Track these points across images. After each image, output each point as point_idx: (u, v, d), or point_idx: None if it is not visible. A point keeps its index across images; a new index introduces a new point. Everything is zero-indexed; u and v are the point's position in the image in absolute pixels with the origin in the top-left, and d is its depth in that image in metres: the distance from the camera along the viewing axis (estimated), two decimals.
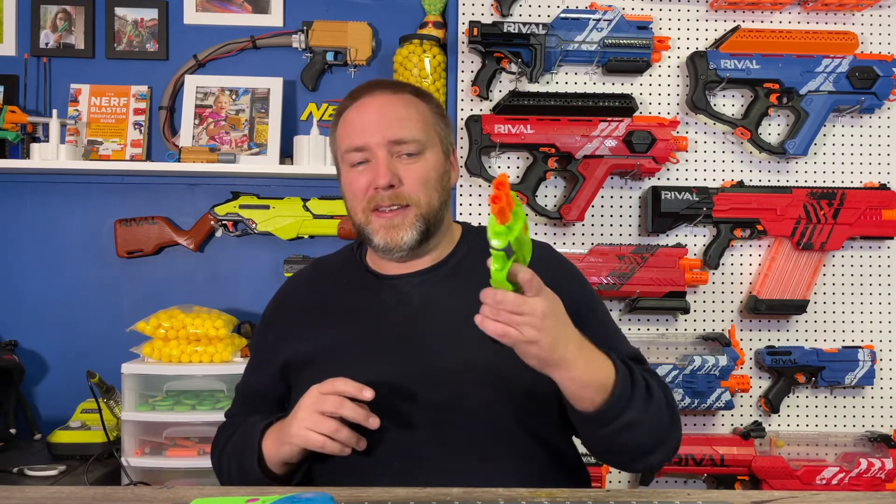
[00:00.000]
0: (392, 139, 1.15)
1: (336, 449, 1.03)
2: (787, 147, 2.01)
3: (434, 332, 1.14)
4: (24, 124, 2.12)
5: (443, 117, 1.24)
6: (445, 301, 1.18)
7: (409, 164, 1.16)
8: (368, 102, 1.19)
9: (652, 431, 1.07)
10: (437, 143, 1.21)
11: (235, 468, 1.16)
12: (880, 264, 2.09)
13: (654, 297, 1.97)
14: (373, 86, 1.22)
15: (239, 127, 2.18)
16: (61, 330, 2.19)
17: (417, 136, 1.17)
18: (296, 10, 2.24)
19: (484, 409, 1.10)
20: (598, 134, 1.97)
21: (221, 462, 1.21)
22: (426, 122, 1.20)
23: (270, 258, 2.22)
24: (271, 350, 1.24)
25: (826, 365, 2.00)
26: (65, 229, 2.21)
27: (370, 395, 1.02)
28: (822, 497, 0.97)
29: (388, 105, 1.18)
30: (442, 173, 1.21)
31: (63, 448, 1.90)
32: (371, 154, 1.16)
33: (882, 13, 2.09)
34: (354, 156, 1.18)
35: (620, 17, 1.99)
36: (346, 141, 1.19)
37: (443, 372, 1.11)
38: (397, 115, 1.17)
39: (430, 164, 1.18)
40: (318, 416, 1.03)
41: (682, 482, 2.05)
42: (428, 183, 1.17)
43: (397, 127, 1.16)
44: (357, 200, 1.18)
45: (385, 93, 1.20)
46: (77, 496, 0.96)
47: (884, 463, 1.97)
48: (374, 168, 1.16)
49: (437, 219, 1.19)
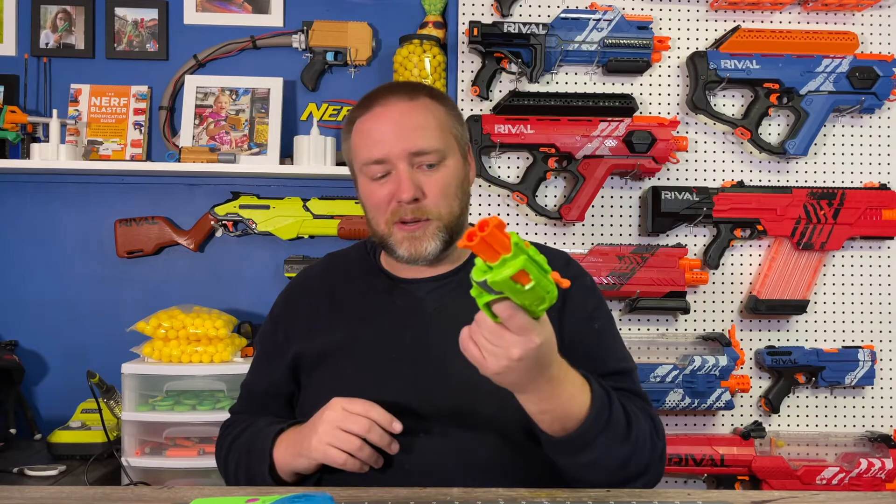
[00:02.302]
0: (412, 150, 1.13)
1: (356, 467, 1.03)
2: (787, 147, 2.01)
3: (447, 340, 1.12)
4: (25, 124, 2.12)
5: (458, 117, 1.22)
6: (460, 309, 1.15)
7: (430, 174, 1.15)
8: (384, 112, 1.16)
9: (623, 468, 1.03)
10: (456, 147, 1.19)
11: (244, 470, 1.15)
12: (880, 264, 2.09)
13: (654, 297, 1.97)
14: (387, 91, 1.19)
15: (239, 127, 2.18)
16: (61, 330, 2.19)
17: (437, 144, 1.15)
18: (296, 10, 2.24)
19: (495, 419, 1.10)
20: (598, 134, 1.97)
21: (228, 461, 1.19)
22: (444, 128, 1.17)
23: (270, 258, 2.22)
24: (281, 346, 1.22)
25: (826, 365, 2.00)
26: (65, 229, 2.21)
27: (399, 428, 1.02)
28: (822, 497, 0.97)
29: (406, 114, 1.15)
30: (462, 179, 1.19)
31: (63, 448, 1.90)
32: (391, 166, 1.14)
33: (882, 13, 2.09)
34: (374, 168, 1.15)
35: (620, 17, 1.99)
36: (364, 153, 1.16)
37: (455, 380, 1.10)
38: (416, 124, 1.14)
39: (450, 172, 1.16)
40: (342, 433, 1.02)
41: (682, 482, 2.05)
42: (449, 193, 1.16)
43: (417, 137, 1.14)
44: (379, 212, 1.16)
45: (401, 99, 1.17)
46: (77, 496, 0.96)
47: (884, 463, 1.97)
48: (395, 181, 1.14)
49: (458, 225, 1.18)
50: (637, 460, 1.05)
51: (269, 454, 1.10)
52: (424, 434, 1.09)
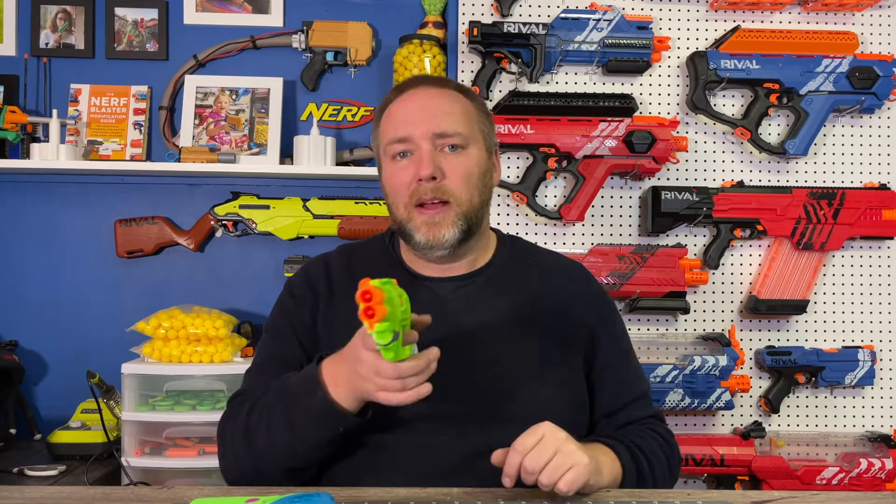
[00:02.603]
0: (436, 132, 1.14)
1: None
2: (787, 147, 2.01)
3: (468, 342, 1.14)
4: (24, 124, 2.12)
5: (487, 115, 1.23)
6: (482, 312, 1.17)
7: (452, 157, 1.15)
8: (413, 95, 1.18)
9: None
10: (481, 139, 1.19)
11: (278, 416, 1.05)
12: (880, 264, 2.09)
13: (654, 297, 1.97)
14: (418, 80, 1.21)
15: (239, 127, 2.18)
16: (61, 330, 2.19)
17: (461, 129, 1.15)
18: (296, 10, 2.24)
19: (516, 421, 1.08)
20: (598, 134, 1.97)
21: (249, 425, 1.08)
22: (470, 118, 1.18)
23: (270, 258, 2.22)
24: (304, 320, 1.18)
25: (826, 365, 2.00)
26: (65, 229, 2.21)
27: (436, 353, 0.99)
28: (822, 497, 0.97)
29: (433, 98, 1.17)
30: (484, 171, 1.19)
31: (63, 448, 1.90)
32: (414, 146, 1.14)
33: (882, 13, 2.09)
34: (397, 147, 1.15)
35: (620, 17, 1.99)
36: (390, 132, 1.17)
37: (473, 382, 1.11)
38: (442, 109, 1.16)
39: (473, 160, 1.16)
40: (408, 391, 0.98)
41: (682, 482, 2.05)
42: (470, 179, 1.15)
43: (441, 119, 1.14)
44: (399, 195, 1.16)
45: (430, 87, 1.19)
46: (77, 496, 0.96)
47: (884, 463, 1.97)
48: (416, 160, 1.14)
49: (478, 217, 1.17)
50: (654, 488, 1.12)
51: (317, 376, 1.02)
52: (444, 436, 1.09)
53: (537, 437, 0.96)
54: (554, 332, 1.18)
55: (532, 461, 0.94)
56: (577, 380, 1.18)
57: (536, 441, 0.95)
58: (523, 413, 1.09)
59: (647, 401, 1.24)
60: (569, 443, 0.96)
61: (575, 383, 1.18)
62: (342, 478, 1.10)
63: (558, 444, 0.95)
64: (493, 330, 1.15)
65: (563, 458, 0.94)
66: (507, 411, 1.10)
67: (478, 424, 1.10)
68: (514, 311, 1.17)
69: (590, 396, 1.20)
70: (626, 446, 1.10)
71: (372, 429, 1.08)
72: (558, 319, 1.19)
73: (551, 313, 1.19)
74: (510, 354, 1.14)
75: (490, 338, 1.14)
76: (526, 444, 0.95)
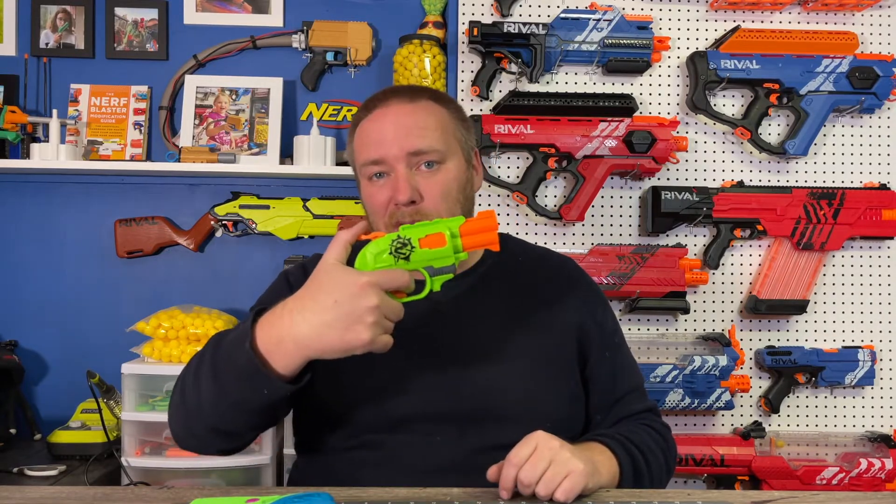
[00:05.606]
0: (410, 151, 1.11)
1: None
2: (787, 147, 2.01)
3: (461, 341, 1.14)
4: (24, 124, 2.12)
5: (463, 121, 1.21)
6: (475, 310, 1.17)
7: (429, 176, 1.13)
8: (384, 113, 1.15)
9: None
10: (458, 150, 1.18)
11: (204, 375, 0.99)
12: (880, 264, 2.09)
13: (654, 297, 1.97)
14: (388, 94, 1.18)
15: (239, 127, 2.18)
16: (61, 330, 2.19)
17: (437, 145, 1.13)
18: (296, 10, 2.24)
19: (510, 420, 1.10)
20: (598, 134, 1.97)
21: (184, 381, 1.03)
22: (445, 130, 1.16)
23: (270, 258, 2.22)
24: None
25: (826, 365, 2.00)
26: (65, 229, 2.21)
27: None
28: (822, 497, 0.97)
29: (405, 115, 1.14)
30: (464, 182, 1.17)
31: (63, 448, 1.90)
32: (389, 167, 1.12)
33: (882, 13, 2.09)
34: (372, 168, 1.13)
35: (620, 17, 1.99)
36: (364, 153, 1.15)
37: (469, 380, 1.11)
38: (415, 125, 1.13)
39: (450, 175, 1.15)
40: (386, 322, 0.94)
41: (682, 482, 2.05)
42: (449, 196, 1.14)
43: (415, 137, 1.12)
44: (378, 216, 1.15)
45: (401, 101, 1.16)
46: (77, 496, 0.96)
47: (884, 463, 1.97)
48: (393, 183, 1.12)
49: None
50: (650, 486, 1.11)
51: (250, 326, 0.98)
52: (439, 436, 1.09)
53: (531, 447, 0.95)
54: (547, 328, 1.18)
55: (527, 474, 0.93)
56: (572, 374, 1.19)
57: (530, 452, 0.94)
58: (520, 409, 1.10)
59: (642, 394, 1.24)
60: (563, 450, 0.95)
61: (570, 378, 1.18)
62: (341, 475, 1.10)
63: (553, 454, 0.94)
64: (486, 327, 1.15)
65: (559, 468, 0.93)
66: (504, 408, 1.11)
67: (475, 422, 1.10)
68: (507, 308, 1.16)
69: (584, 390, 1.20)
70: (622, 443, 1.09)
71: (370, 428, 1.09)
72: (551, 315, 1.19)
73: (544, 309, 1.19)
74: (504, 351, 1.14)
75: (484, 335, 1.14)
76: (520, 455, 0.95)
